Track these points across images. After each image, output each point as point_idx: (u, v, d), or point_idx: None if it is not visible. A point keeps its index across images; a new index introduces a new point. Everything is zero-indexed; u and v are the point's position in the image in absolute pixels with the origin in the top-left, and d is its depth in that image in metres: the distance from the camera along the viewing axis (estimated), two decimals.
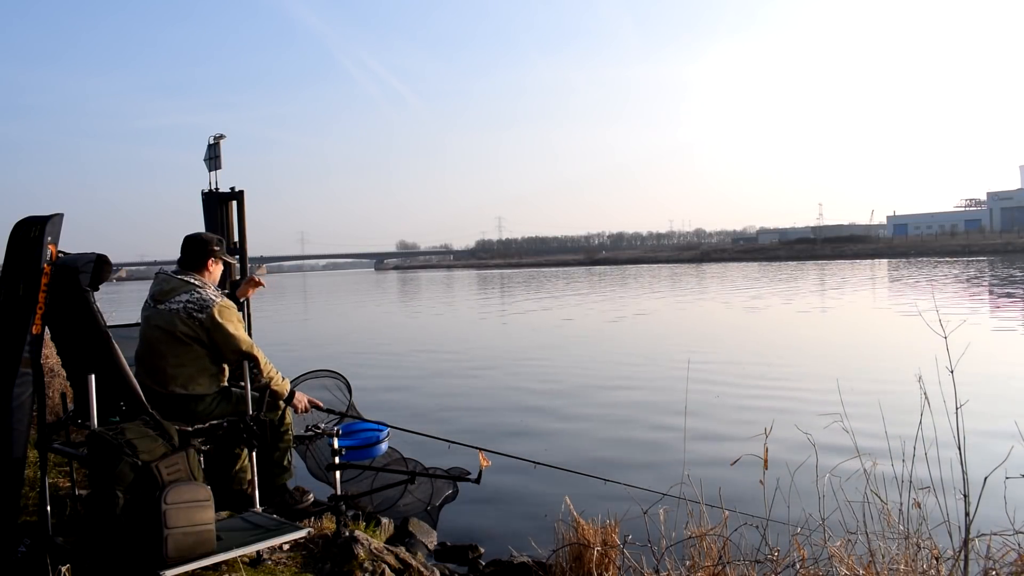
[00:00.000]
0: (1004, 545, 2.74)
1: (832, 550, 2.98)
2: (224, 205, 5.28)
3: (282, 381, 3.90)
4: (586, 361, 13.60)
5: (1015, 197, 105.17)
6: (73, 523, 3.78)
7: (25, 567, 3.06)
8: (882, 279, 38.19)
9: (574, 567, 3.75)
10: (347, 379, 4.74)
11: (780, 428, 3.72)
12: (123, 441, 2.81)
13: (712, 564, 3.18)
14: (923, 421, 2.93)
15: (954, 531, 2.77)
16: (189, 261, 3.82)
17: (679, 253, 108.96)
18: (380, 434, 4.35)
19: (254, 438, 3.58)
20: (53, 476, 4.38)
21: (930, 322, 3.11)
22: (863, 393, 7.55)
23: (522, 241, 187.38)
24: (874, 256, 76.92)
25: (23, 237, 3.19)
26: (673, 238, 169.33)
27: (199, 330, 3.62)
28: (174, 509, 2.73)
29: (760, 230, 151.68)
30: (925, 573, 2.79)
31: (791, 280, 39.28)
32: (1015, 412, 5.93)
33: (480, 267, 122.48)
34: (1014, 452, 2.88)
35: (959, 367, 2.78)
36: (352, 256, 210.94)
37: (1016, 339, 14.13)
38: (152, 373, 3.62)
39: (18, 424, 3.06)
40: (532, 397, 10.23)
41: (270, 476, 3.89)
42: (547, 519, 4.26)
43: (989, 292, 25.80)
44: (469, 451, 4.42)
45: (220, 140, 5.49)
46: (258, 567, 3.37)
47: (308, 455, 4.77)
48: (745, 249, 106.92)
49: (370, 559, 3.50)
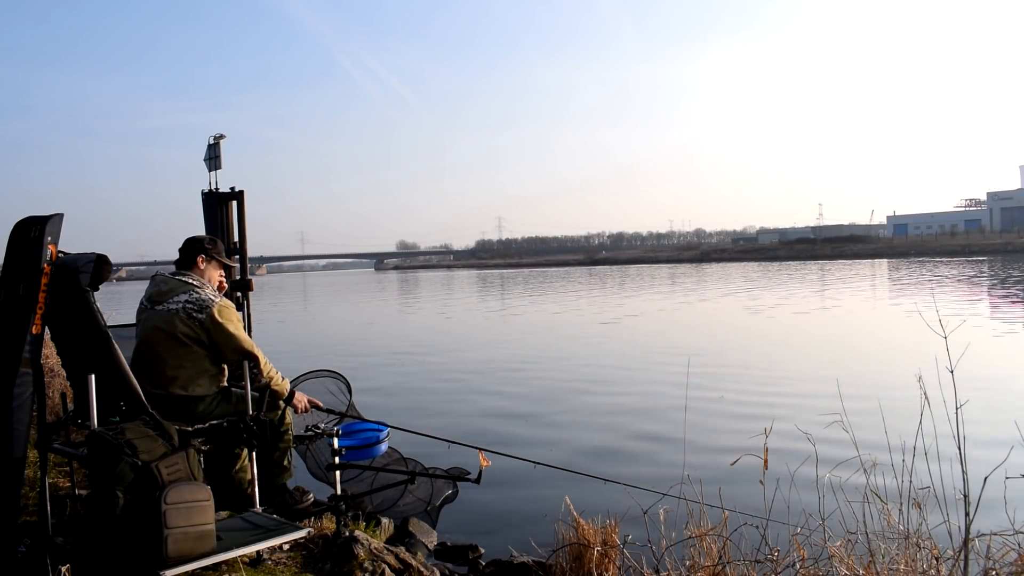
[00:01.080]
0: (1004, 545, 2.74)
1: (832, 550, 2.98)
2: (224, 205, 5.27)
3: (282, 381, 3.90)
4: (586, 361, 13.59)
5: (1015, 197, 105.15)
6: (73, 523, 3.78)
7: (25, 567, 3.06)
8: (882, 279, 38.18)
9: (574, 567, 3.75)
10: (347, 379, 4.74)
11: (780, 428, 3.73)
12: (123, 441, 2.80)
13: (712, 564, 3.18)
14: (923, 421, 2.92)
15: (954, 531, 2.77)
16: (182, 260, 3.85)
17: (679, 253, 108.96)
18: (380, 434, 4.35)
19: (254, 438, 3.58)
20: (53, 476, 4.37)
21: (930, 322, 3.11)
22: (863, 393, 7.54)
23: (522, 241, 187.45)
24: (874, 256, 76.89)
25: (23, 237, 3.19)
26: (673, 238, 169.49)
27: (199, 330, 3.62)
28: (174, 509, 2.73)
29: (760, 230, 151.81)
30: (925, 573, 2.79)
31: (791, 280, 39.27)
32: (1015, 412, 5.93)
33: (480, 267, 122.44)
34: (1014, 452, 2.88)
35: (959, 367, 2.77)
36: (352, 256, 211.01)
37: (1016, 339, 14.12)
38: (151, 376, 3.59)
39: (18, 424, 3.06)
40: (532, 397, 10.23)
41: (270, 476, 3.89)
42: (547, 519, 4.26)
43: (989, 292, 25.80)
44: (469, 451, 4.42)
45: (220, 140, 5.47)
46: (258, 567, 3.37)
47: (308, 455, 4.77)
48: (745, 249, 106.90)
49: (370, 559, 3.50)
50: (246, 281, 5.21)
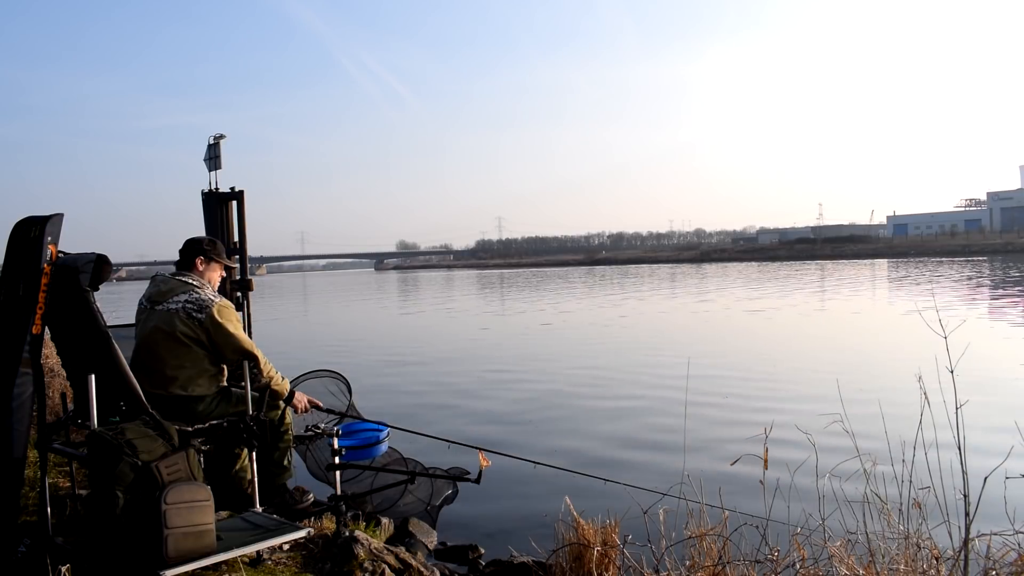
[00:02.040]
0: (1004, 545, 2.75)
1: (832, 550, 2.97)
2: (224, 205, 5.27)
3: (282, 381, 3.90)
4: (586, 361, 13.59)
5: (1015, 197, 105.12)
6: (73, 523, 3.78)
7: (25, 567, 3.06)
8: (882, 279, 38.17)
9: (574, 567, 3.75)
10: (347, 379, 4.75)
11: (780, 428, 3.73)
12: (123, 441, 2.80)
13: (712, 564, 3.18)
14: (923, 421, 2.93)
15: (954, 531, 2.77)
16: (181, 263, 3.87)
17: (679, 253, 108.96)
18: (380, 434, 4.35)
19: (254, 438, 3.58)
20: (53, 476, 4.37)
21: (930, 322, 3.11)
22: (863, 393, 7.55)
23: (522, 241, 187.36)
24: (874, 256, 76.88)
25: (23, 237, 3.18)
26: (673, 238, 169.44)
27: (198, 330, 3.62)
28: (174, 509, 2.73)
29: (760, 230, 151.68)
30: (925, 573, 2.79)
31: (791, 280, 39.26)
32: (1015, 412, 5.93)
33: (480, 267, 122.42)
34: (1014, 452, 2.88)
35: (959, 367, 2.77)
36: (352, 256, 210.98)
37: (1016, 339, 14.12)
38: (151, 376, 3.59)
39: (18, 424, 3.06)
40: (532, 397, 10.22)
41: (270, 476, 3.89)
42: (547, 519, 4.25)
43: (989, 292, 25.80)
44: (469, 451, 4.42)
45: (220, 140, 5.48)
46: (258, 567, 3.37)
47: (308, 455, 4.77)
48: (745, 249, 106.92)
49: (370, 559, 3.50)
50: (246, 281, 5.21)
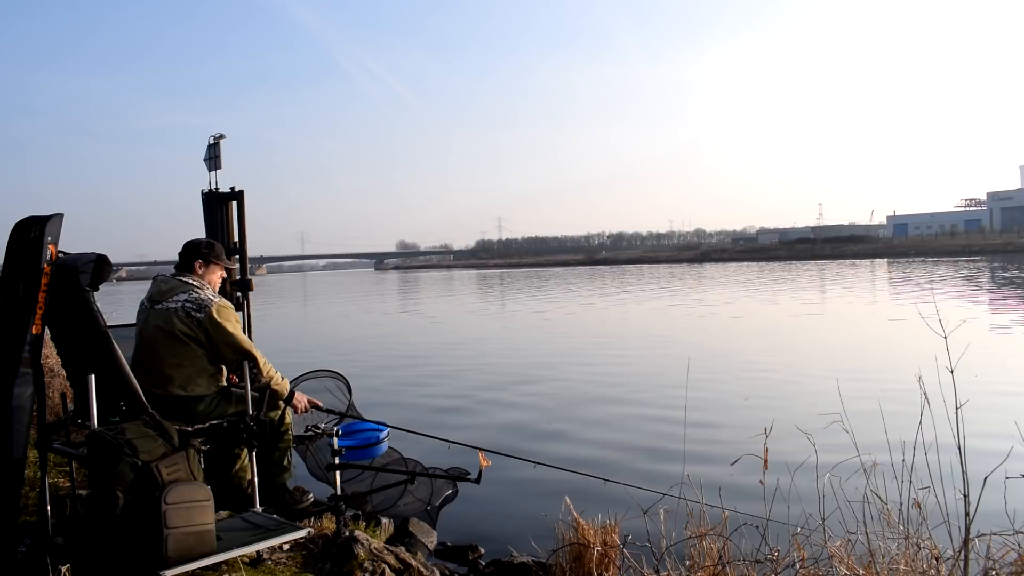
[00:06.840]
0: (1004, 545, 2.74)
1: (832, 550, 2.98)
2: (224, 205, 5.27)
3: (282, 381, 3.90)
4: (586, 360, 13.59)
5: (1015, 197, 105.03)
6: (73, 523, 3.78)
7: (25, 567, 3.06)
8: (882, 279, 38.17)
9: (574, 567, 3.75)
10: (347, 379, 4.74)
11: (780, 428, 3.72)
12: (123, 441, 2.81)
13: (712, 564, 3.18)
14: (923, 421, 2.92)
15: (954, 531, 2.77)
16: (181, 265, 3.87)
17: (679, 253, 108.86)
18: (380, 434, 4.35)
19: (254, 438, 3.58)
20: (53, 476, 4.37)
21: (930, 322, 3.11)
22: (863, 393, 7.54)
23: (522, 241, 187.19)
24: (874, 256, 76.81)
25: (23, 237, 3.19)
26: (673, 238, 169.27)
27: (197, 329, 3.63)
28: (174, 509, 2.73)
29: (760, 230, 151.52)
30: (925, 573, 2.79)
31: (791, 280, 39.26)
32: (1015, 412, 5.93)
33: (480, 267, 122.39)
34: (1014, 452, 2.88)
35: (959, 367, 2.77)
36: (352, 256, 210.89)
37: (1016, 339, 14.12)
38: (150, 375, 3.60)
39: (18, 424, 3.06)
40: (531, 397, 10.22)
41: (270, 476, 3.89)
42: (547, 519, 4.25)
43: (989, 292, 25.79)
44: (469, 451, 4.42)
45: (220, 140, 5.47)
46: (258, 567, 3.37)
47: (308, 455, 4.77)
48: (745, 249, 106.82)
49: (370, 559, 3.50)
50: (246, 281, 5.21)
